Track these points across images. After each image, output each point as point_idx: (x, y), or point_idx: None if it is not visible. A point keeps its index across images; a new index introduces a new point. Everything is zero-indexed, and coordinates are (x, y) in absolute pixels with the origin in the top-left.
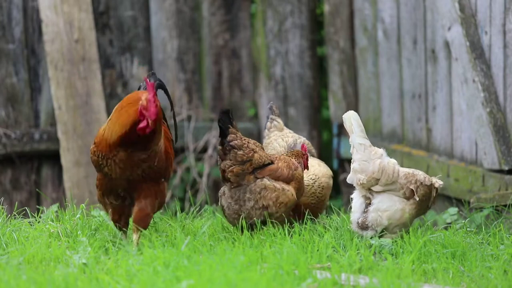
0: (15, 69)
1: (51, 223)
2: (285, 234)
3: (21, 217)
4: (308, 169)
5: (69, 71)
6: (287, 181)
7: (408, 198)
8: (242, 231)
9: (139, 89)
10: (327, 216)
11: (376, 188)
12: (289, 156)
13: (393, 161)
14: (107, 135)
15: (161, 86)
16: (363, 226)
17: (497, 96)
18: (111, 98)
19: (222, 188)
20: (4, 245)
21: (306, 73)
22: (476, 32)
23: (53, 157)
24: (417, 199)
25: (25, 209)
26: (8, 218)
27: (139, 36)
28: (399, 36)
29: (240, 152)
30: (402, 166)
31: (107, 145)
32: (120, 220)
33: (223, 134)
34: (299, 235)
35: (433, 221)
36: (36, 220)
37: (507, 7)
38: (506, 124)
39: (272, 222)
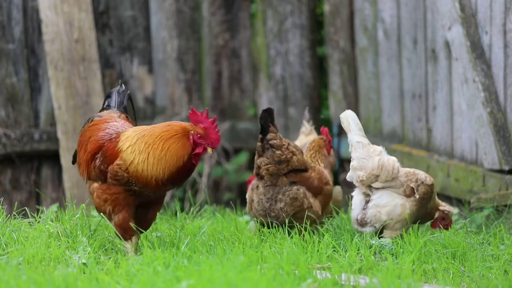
0: (15, 69)
1: (51, 223)
2: (285, 234)
3: (21, 217)
4: (330, 155)
5: (69, 71)
6: (316, 192)
7: (408, 196)
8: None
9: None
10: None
11: (376, 184)
12: (313, 150)
13: (393, 158)
14: (157, 172)
15: (130, 98)
16: (362, 223)
17: (498, 96)
18: None
19: (254, 182)
20: (4, 245)
21: (306, 73)
22: (476, 32)
23: (53, 157)
24: (417, 196)
25: (25, 209)
26: (8, 218)
27: (139, 36)
28: (399, 36)
29: (278, 152)
30: (402, 166)
31: (155, 182)
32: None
33: (264, 131)
34: (299, 235)
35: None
36: (35, 220)
37: (508, 7)
38: (507, 124)
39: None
